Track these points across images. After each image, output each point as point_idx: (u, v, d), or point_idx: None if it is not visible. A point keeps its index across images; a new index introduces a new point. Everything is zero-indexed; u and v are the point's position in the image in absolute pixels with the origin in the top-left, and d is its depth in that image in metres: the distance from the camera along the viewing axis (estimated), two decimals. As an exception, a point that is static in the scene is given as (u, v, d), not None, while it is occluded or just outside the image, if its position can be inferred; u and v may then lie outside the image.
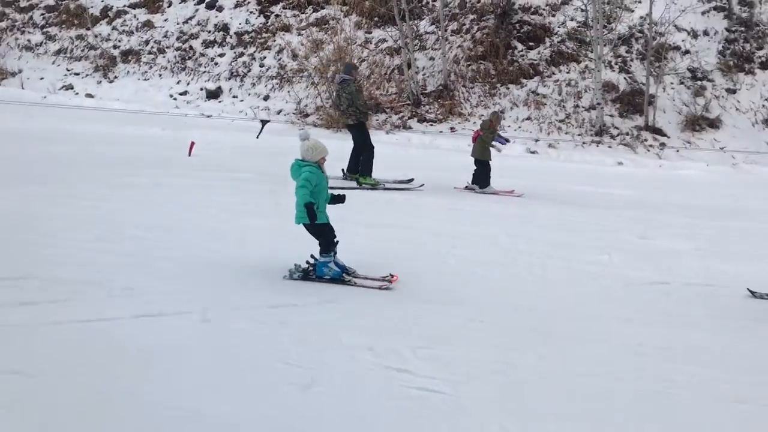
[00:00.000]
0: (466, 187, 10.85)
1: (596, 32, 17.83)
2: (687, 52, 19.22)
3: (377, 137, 11.14)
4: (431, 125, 18.33)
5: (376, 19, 21.58)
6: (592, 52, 18.31)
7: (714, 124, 17.65)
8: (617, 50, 19.32)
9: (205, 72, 21.52)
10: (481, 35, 20.36)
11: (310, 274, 5.53)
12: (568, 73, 19.24)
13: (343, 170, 10.33)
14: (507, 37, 19.99)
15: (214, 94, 20.60)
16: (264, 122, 15.51)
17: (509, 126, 17.73)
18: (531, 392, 3.83)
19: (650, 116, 17.60)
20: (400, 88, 19.52)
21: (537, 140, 17.18)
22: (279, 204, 8.33)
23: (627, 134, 17.44)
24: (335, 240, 5.54)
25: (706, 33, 19.65)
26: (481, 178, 10.90)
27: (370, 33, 21.47)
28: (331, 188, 5.77)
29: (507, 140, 11.53)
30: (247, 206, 8.11)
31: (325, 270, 5.49)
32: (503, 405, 3.64)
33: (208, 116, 18.94)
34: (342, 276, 5.52)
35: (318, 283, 5.45)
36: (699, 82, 18.52)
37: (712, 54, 19.09)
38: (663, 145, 17.07)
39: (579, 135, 17.57)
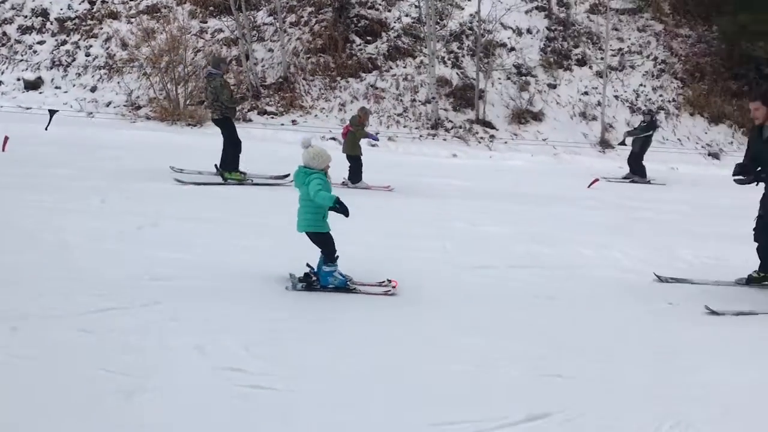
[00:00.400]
0: (343, 183, 10.85)
1: (429, 28, 18.47)
2: (512, 49, 20.44)
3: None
4: (272, 118, 18.10)
5: (211, 8, 20.92)
6: (426, 47, 18.93)
7: (537, 117, 18.95)
8: (449, 46, 20.15)
9: (22, 61, 19.77)
10: (320, 28, 20.39)
11: (314, 284, 5.42)
12: (404, 68, 19.77)
13: (216, 165, 10.26)
14: (345, 31, 20.18)
15: (33, 85, 18.99)
16: (52, 112, 14.46)
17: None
18: (362, 382, 3.88)
19: (481, 110, 18.54)
20: (239, 79, 19.08)
21: (377, 133, 17.51)
22: (104, 201, 7.86)
23: (460, 127, 18.26)
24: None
25: (529, 31, 21.01)
26: (353, 173, 10.98)
27: (206, 23, 20.79)
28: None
29: (377, 137, 11.75)
30: (68, 205, 7.53)
31: (330, 279, 5.43)
32: (336, 397, 3.66)
33: (27, 108, 17.43)
34: (347, 284, 5.47)
35: (167, 284, 5.21)
36: (524, 78, 19.78)
37: (535, 51, 20.46)
38: (492, 137, 18.06)
39: (416, 128, 18.14)
